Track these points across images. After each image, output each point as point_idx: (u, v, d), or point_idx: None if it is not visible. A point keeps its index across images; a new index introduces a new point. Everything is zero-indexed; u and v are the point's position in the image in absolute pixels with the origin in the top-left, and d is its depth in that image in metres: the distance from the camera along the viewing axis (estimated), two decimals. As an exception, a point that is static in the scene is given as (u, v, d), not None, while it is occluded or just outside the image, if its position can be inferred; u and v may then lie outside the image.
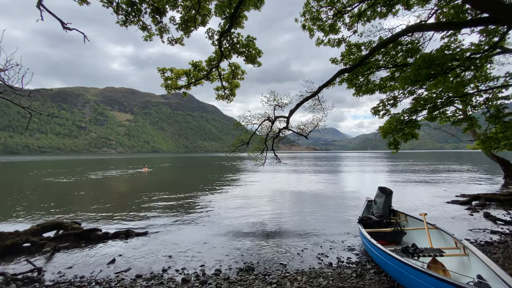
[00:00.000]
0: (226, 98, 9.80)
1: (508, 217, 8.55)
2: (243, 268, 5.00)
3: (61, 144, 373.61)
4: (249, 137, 9.81)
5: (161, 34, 7.17)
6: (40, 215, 9.55)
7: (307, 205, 10.90)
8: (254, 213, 9.55)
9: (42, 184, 19.21)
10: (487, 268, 3.49)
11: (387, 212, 6.49)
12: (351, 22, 8.70)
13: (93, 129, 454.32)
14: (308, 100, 8.33)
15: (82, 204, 11.51)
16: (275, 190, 14.97)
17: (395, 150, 8.71)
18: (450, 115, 8.66)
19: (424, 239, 5.19)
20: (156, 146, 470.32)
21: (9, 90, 5.27)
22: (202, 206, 10.82)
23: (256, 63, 8.45)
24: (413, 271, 3.49)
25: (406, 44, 8.40)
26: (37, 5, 5.08)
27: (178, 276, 4.77)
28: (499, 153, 17.26)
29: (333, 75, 7.71)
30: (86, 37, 5.80)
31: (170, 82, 8.67)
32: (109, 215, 9.40)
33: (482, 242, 6.26)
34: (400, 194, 13.00)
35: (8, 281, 4.42)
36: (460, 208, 10.00)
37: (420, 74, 6.06)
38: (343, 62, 9.31)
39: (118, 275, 4.81)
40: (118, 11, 6.20)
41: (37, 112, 6.40)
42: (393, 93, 9.31)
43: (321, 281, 4.39)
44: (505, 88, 7.23)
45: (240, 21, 7.37)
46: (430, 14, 8.09)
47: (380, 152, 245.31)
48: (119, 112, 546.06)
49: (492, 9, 4.69)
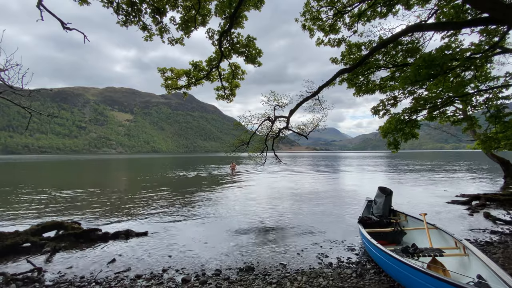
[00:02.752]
0: (226, 98, 9.80)
1: (508, 217, 8.55)
2: (243, 268, 5.00)
3: (61, 144, 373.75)
4: (249, 137, 9.82)
5: (161, 34, 7.18)
6: (40, 215, 9.55)
7: (307, 205, 10.90)
8: (254, 213, 9.55)
9: (43, 184, 19.22)
10: (487, 268, 3.48)
11: (387, 212, 6.49)
12: (351, 22, 8.71)
13: (93, 129, 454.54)
14: (308, 100, 8.34)
15: (82, 204, 11.51)
16: (275, 190, 14.98)
17: (395, 150, 8.71)
18: (450, 115, 8.66)
19: (424, 239, 5.19)
20: (156, 146, 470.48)
21: (9, 90, 5.27)
22: (202, 206, 10.82)
23: (256, 63, 8.46)
24: (413, 271, 3.49)
25: (406, 44, 8.41)
26: (37, 5, 5.08)
27: (178, 276, 4.76)
28: (499, 153, 17.28)
29: (333, 75, 7.72)
30: (86, 37, 5.81)
31: (170, 82, 8.68)
32: (109, 215, 9.41)
33: (482, 242, 6.26)
34: (400, 194, 13.00)
35: (8, 281, 4.42)
36: (460, 208, 9.99)
37: (420, 74, 6.05)
38: (343, 62, 9.31)
39: (118, 275, 4.81)
40: (118, 11, 6.21)
41: (37, 112, 6.40)
42: (393, 93, 9.31)
43: (321, 281, 4.39)
44: (505, 88, 7.22)
45: (240, 21, 7.38)
46: (430, 14, 8.09)
47: (380, 152, 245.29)
48: (119, 112, 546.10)
49: (492, 9, 4.69)
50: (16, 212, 9.99)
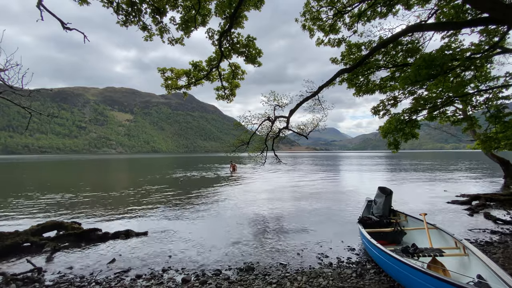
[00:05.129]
0: (226, 98, 9.81)
1: (508, 217, 8.55)
2: (243, 268, 5.00)
3: (61, 144, 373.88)
4: (249, 137, 9.83)
5: (161, 34, 7.19)
6: (40, 215, 9.55)
7: (307, 204, 10.89)
8: (254, 213, 9.55)
9: (44, 184, 19.22)
10: (487, 268, 3.48)
11: (387, 212, 6.49)
12: (351, 22, 8.71)
13: (93, 129, 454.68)
14: (308, 100, 8.35)
15: (82, 204, 11.50)
16: (275, 190, 14.97)
17: (395, 150, 8.71)
18: (450, 115, 8.67)
19: (424, 239, 5.19)
20: (156, 146, 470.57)
21: (9, 90, 5.27)
22: (202, 206, 10.82)
23: (256, 63, 8.46)
24: (413, 271, 3.49)
25: (406, 44, 8.41)
26: (37, 5, 5.08)
27: (178, 276, 4.76)
28: (499, 153, 17.27)
29: (334, 75, 7.73)
30: (86, 37, 5.81)
31: (170, 82, 8.69)
32: (109, 215, 9.40)
33: (482, 242, 6.26)
34: (400, 194, 12.99)
35: (8, 281, 4.42)
36: (460, 208, 9.99)
37: (420, 74, 6.06)
38: (343, 62, 9.32)
39: (118, 275, 4.81)
40: (118, 11, 6.21)
41: (37, 112, 6.39)
42: (393, 93, 9.32)
43: (321, 281, 4.39)
44: (505, 88, 7.23)
45: (240, 21, 7.38)
46: (430, 14, 8.10)
47: (380, 152, 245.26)
48: (119, 112, 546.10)
49: (492, 9, 4.69)
50: (16, 212, 9.99)
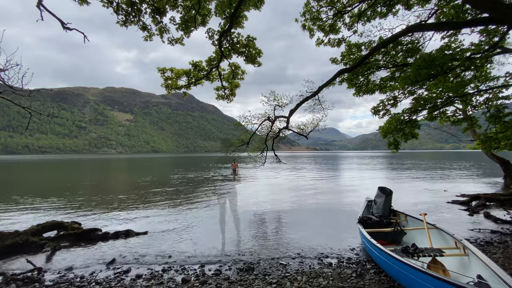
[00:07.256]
0: (226, 98, 9.81)
1: (508, 217, 8.55)
2: (243, 268, 5.00)
3: (61, 144, 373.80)
4: (249, 137, 9.83)
5: (161, 34, 7.18)
6: (40, 215, 9.55)
7: (307, 205, 10.89)
8: (254, 213, 9.54)
9: (44, 184, 19.22)
10: (487, 268, 3.48)
11: (387, 212, 6.49)
12: (351, 22, 8.71)
13: (93, 129, 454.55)
14: (308, 100, 8.35)
15: (82, 204, 11.50)
16: (275, 190, 14.97)
17: (395, 150, 8.71)
18: (450, 115, 8.67)
19: (424, 239, 5.19)
20: (156, 146, 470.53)
21: (9, 90, 5.27)
22: (202, 206, 10.82)
23: (256, 63, 8.46)
24: (413, 271, 3.49)
25: (406, 44, 8.41)
26: (37, 5, 5.08)
27: (178, 276, 4.76)
28: (499, 153, 17.27)
29: (333, 75, 7.73)
30: (86, 37, 5.81)
31: (170, 82, 8.68)
32: (109, 215, 9.40)
33: (482, 242, 6.26)
34: (400, 194, 12.99)
35: (8, 281, 4.42)
36: (460, 208, 9.99)
37: (420, 74, 6.06)
38: (343, 62, 9.32)
39: (118, 275, 4.81)
40: (118, 11, 6.21)
41: (37, 112, 6.39)
42: (393, 93, 9.32)
43: (321, 281, 4.40)
44: (505, 88, 7.23)
45: (240, 21, 7.38)
46: (430, 14, 8.10)
47: (380, 152, 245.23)
48: (119, 112, 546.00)
49: (492, 9, 4.69)
50: (17, 212, 9.99)
